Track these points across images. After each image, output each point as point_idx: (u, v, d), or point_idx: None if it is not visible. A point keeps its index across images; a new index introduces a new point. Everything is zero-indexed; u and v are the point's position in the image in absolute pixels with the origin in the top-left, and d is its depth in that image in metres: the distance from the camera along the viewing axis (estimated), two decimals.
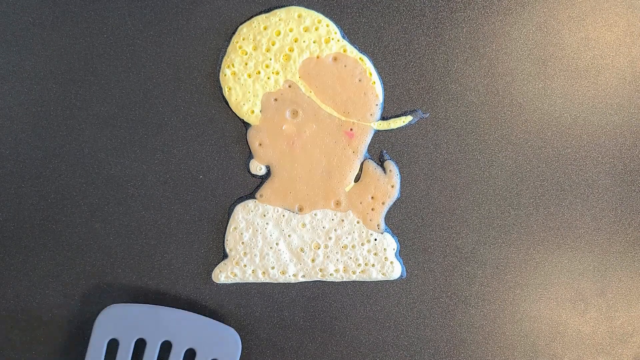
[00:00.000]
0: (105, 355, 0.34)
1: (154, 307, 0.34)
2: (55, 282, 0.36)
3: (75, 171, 0.36)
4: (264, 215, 0.36)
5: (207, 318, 0.35)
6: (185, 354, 0.34)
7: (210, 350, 0.34)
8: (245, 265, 0.35)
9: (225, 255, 0.36)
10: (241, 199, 0.36)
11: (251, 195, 0.36)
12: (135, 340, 0.34)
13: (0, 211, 0.36)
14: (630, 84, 0.36)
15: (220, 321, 0.36)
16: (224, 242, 0.36)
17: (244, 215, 0.35)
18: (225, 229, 0.36)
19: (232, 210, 0.36)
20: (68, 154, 0.36)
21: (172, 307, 0.36)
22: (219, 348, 0.34)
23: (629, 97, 0.36)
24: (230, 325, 0.36)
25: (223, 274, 0.36)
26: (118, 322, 0.34)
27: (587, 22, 0.36)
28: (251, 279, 0.36)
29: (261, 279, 0.36)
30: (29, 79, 0.36)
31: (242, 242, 0.35)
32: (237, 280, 0.36)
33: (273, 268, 0.36)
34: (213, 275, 0.36)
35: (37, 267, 0.36)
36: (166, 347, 0.35)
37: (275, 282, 0.36)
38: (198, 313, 0.35)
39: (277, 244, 0.36)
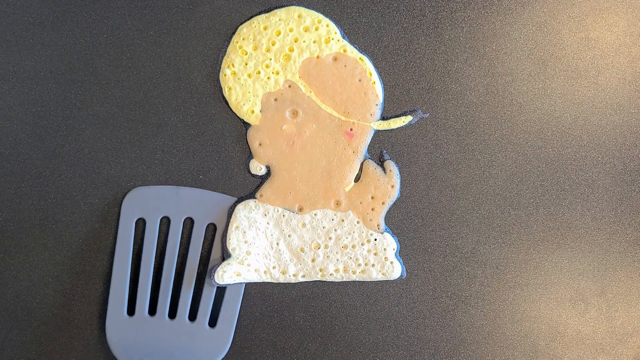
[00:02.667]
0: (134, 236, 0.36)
1: (175, 188, 0.36)
2: (55, 282, 0.36)
3: (75, 171, 0.36)
4: (265, 215, 0.36)
5: (225, 195, 0.36)
6: (206, 229, 0.36)
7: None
8: (249, 265, 0.35)
9: (227, 255, 0.36)
10: (242, 199, 0.36)
11: (251, 195, 0.36)
12: (160, 218, 0.36)
13: (0, 211, 0.36)
14: (630, 84, 0.36)
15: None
16: (224, 241, 0.36)
17: (245, 214, 0.35)
18: (226, 228, 0.36)
19: (233, 209, 0.36)
20: (68, 154, 0.36)
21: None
22: None
23: (629, 97, 0.36)
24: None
25: (227, 274, 0.35)
26: (143, 203, 0.36)
27: (587, 22, 0.36)
28: (254, 279, 0.36)
29: (263, 278, 0.36)
30: (29, 79, 0.36)
31: (245, 241, 0.35)
32: (241, 280, 0.35)
33: (274, 268, 0.36)
34: (216, 276, 0.35)
35: (37, 267, 0.36)
36: (189, 223, 0.36)
37: (276, 282, 0.36)
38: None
39: (277, 243, 0.36)
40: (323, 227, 0.36)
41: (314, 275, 0.36)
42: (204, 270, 0.36)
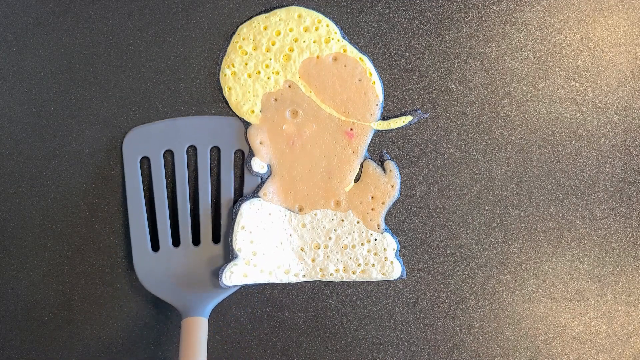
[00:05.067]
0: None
1: (171, 120, 0.36)
2: (55, 282, 0.36)
3: (75, 171, 0.36)
4: (270, 214, 0.36)
5: (223, 116, 0.36)
6: (210, 153, 0.36)
7: (232, 143, 0.36)
8: (255, 265, 0.35)
9: (233, 256, 0.35)
10: (246, 198, 0.36)
11: (253, 195, 0.36)
12: (163, 152, 0.36)
13: (0, 211, 0.36)
14: (630, 84, 0.36)
15: (220, 320, 0.36)
16: (230, 241, 0.35)
17: (251, 214, 0.35)
18: (232, 228, 0.36)
19: (238, 209, 0.35)
20: (68, 154, 0.36)
21: None
22: (240, 140, 0.36)
23: (629, 97, 0.36)
24: (230, 326, 0.36)
25: (234, 275, 0.35)
26: (143, 141, 0.36)
27: (587, 22, 0.36)
28: (261, 280, 0.35)
29: (269, 279, 0.36)
30: (29, 79, 0.36)
31: (251, 241, 0.35)
32: (248, 281, 0.35)
33: (279, 267, 0.36)
34: (224, 278, 0.35)
35: (37, 267, 0.36)
36: (193, 151, 0.36)
37: (279, 281, 0.36)
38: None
39: (282, 242, 0.36)
40: (323, 227, 0.36)
41: (314, 275, 0.36)
42: (218, 193, 0.36)
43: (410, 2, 0.36)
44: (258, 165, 0.36)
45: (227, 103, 0.36)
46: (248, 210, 0.35)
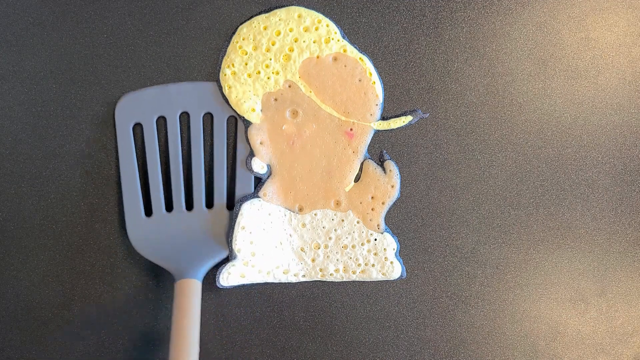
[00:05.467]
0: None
1: (163, 86, 0.36)
2: (55, 282, 0.36)
3: (75, 171, 0.36)
4: (270, 215, 0.36)
5: (214, 82, 0.36)
6: (203, 119, 0.36)
7: (225, 109, 0.36)
8: (253, 266, 0.35)
9: (232, 256, 0.35)
10: (246, 198, 0.36)
11: (253, 195, 0.36)
12: (156, 118, 0.36)
13: (0, 211, 0.36)
14: (630, 84, 0.36)
15: (220, 321, 0.36)
16: (230, 241, 0.35)
17: (252, 214, 0.35)
18: (233, 228, 0.36)
19: (238, 209, 0.35)
20: (68, 154, 0.36)
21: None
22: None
23: (629, 97, 0.36)
24: (230, 326, 0.36)
25: (231, 276, 0.35)
26: (135, 107, 0.36)
27: (587, 22, 0.36)
28: (258, 280, 0.35)
29: (266, 279, 0.36)
30: (29, 79, 0.36)
31: (251, 242, 0.35)
32: (245, 281, 0.35)
33: (278, 268, 0.36)
34: (221, 278, 0.35)
35: (37, 267, 0.36)
36: (186, 118, 0.36)
37: (278, 281, 0.36)
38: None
39: (281, 243, 0.36)
40: (323, 227, 0.36)
41: (314, 275, 0.36)
42: (211, 158, 0.36)
43: (410, 2, 0.36)
44: (258, 165, 0.36)
45: (227, 102, 0.36)
46: (248, 210, 0.35)
